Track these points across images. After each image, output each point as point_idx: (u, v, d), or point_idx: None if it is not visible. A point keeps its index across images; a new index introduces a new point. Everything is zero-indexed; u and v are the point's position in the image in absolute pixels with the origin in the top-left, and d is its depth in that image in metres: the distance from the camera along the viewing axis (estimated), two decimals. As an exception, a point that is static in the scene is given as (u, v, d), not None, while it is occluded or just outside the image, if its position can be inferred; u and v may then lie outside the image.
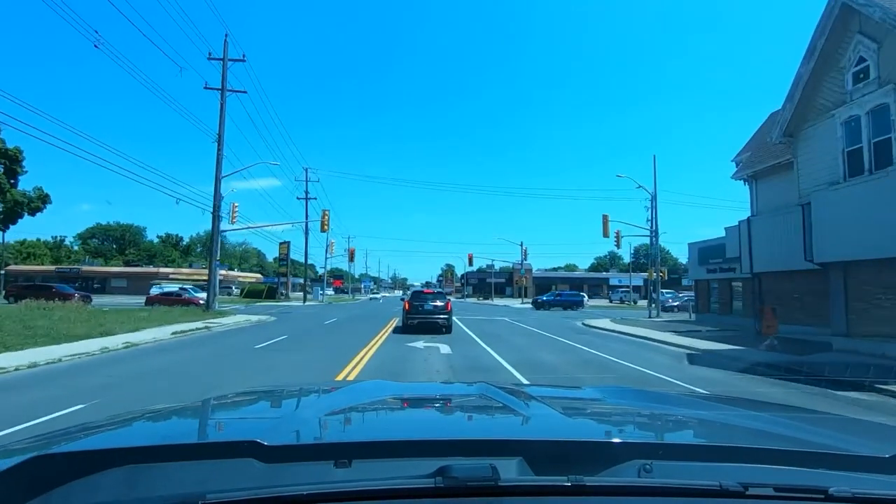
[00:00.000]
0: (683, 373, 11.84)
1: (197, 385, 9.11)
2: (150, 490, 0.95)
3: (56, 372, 10.46)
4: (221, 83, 28.50)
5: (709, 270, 28.13)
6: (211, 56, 28.69)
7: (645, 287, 75.50)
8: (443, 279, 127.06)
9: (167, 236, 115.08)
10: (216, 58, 28.62)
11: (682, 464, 1.08)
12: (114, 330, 17.28)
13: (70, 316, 19.57)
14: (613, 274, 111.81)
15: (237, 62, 29.16)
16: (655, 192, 36.86)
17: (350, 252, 65.66)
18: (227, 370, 11.22)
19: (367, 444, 1.17)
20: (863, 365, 10.67)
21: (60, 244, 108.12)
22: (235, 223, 36.25)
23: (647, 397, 2.28)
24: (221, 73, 28.53)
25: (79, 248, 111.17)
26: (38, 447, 1.19)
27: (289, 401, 1.99)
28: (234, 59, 29.02)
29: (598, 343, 18.24)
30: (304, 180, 57.16)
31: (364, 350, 14.39)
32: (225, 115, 28.46)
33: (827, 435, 1.47)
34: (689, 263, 30.87)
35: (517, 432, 1.45)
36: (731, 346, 16.47)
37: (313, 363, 12.46)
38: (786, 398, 8.62)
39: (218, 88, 28.50)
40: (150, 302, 38.44)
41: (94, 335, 15.61)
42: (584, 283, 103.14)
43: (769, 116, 23.00)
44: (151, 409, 1.73)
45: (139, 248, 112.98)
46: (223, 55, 28.58)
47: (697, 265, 29.38)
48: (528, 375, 10.66)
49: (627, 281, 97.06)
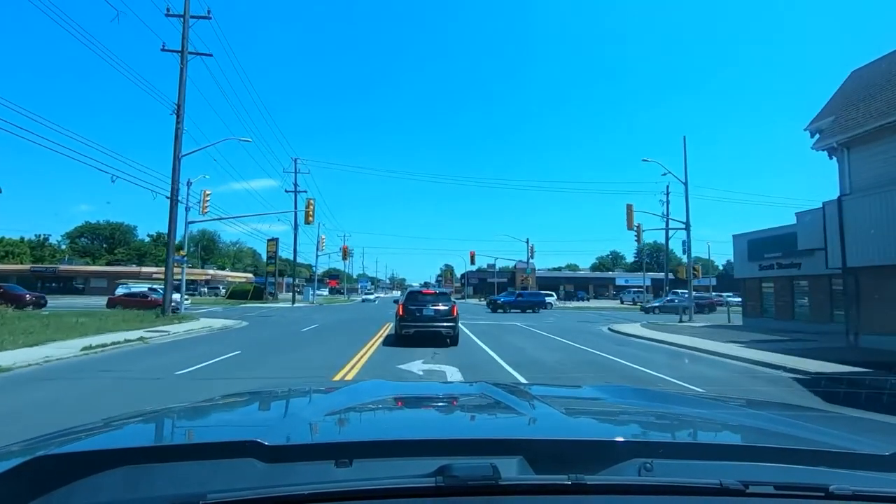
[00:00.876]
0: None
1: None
2: (150, 490, 0.95)
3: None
4: (182, 44, 23.90)
5: (762, 267, 23.58)
6: (169, 12, 24.12)
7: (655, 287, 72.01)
8: (441, 279, 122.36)
9: (158, 235, 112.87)
10: (175, 14, 24.05)
11: (683, 462, 1.08)
12: (3, 344, 12.73)
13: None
14: (619, 273, 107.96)
15: (201, 20, 24.57)
16: (687, 177, 32.28)
17: (343, 249, 60.98)
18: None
19: (368, 444, 1.16)
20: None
21: (44, 243, 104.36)
22: (206, 213, 31.78)
23: (647, 396, 2.27)
24: (182, 33, 23.93)
25: (66, 247, 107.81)
26: (40, 448, 1.17)
27: (289, 401, 1.98)
28: (198, 17, 24.46)
29: (654, 360, 13.69)
30: (293, 171, 52.76)
31: (336, 377, 9.89)
32: (185, 81, 23.86)
33: (827, 433, 1.46)
34: (736, 259, 26.24)
35: (518, 431, 1.44)
36: (845, 365, 11.87)
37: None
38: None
39: (177, 51, 23.92)
40: (112, 304, 33.96)
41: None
42: (589, 282, 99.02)
43: (851, 74, 18.51)
44: (151, 410, 1.71)
45: (129, 248, 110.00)
46: (184, 10, 24.00)
47: (746, 261, 24.83)
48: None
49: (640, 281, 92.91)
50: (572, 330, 23.64)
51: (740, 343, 17.32)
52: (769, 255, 22.91)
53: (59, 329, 16.53)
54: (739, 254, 25.57)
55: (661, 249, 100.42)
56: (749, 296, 25.38)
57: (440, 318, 15.25)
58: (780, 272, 22.40)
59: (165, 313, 23.23)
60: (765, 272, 23.48)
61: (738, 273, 26.07)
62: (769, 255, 22.93)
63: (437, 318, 15.24)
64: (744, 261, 25.06)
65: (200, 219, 30.97)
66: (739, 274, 26.00)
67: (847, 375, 10.68)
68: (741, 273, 25.82)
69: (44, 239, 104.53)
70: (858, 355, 13.53)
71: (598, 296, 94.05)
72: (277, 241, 58.80)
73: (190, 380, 9.77)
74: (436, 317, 15.25)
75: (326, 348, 14.96)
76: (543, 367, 12.00)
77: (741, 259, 25.45)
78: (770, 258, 22.91)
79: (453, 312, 15.44)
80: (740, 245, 25.40)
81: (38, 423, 6.30)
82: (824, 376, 10.71)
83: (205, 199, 31.34)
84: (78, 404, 7.67)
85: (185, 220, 30.10)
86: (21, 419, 6.86)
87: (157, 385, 9.31)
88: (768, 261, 23.03)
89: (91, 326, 18.03)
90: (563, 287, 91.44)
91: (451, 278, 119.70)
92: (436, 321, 15.19)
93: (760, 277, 24.14)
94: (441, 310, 15.38)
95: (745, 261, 24.97)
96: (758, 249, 23.83)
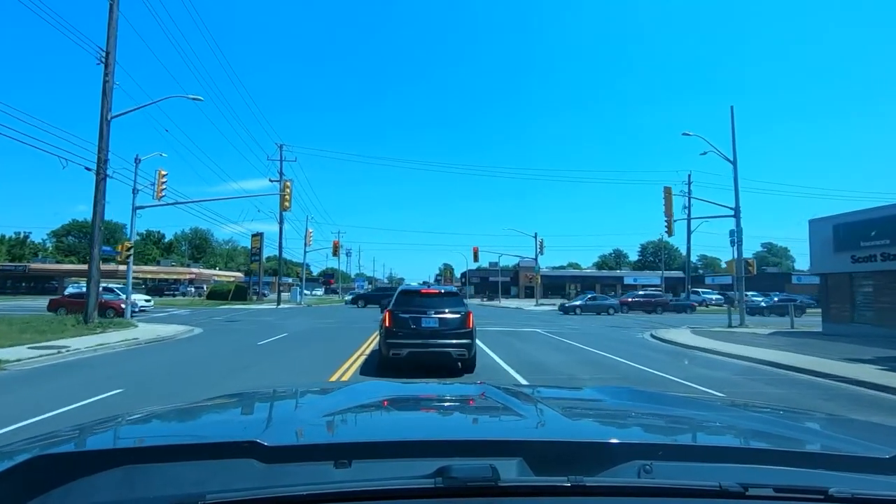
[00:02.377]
0: None
1: None
2: (149, 490, 0.94)
3: None
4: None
5: (856, 259, 18.35)
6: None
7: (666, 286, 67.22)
8: (441, 279, 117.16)
9: (147, 233, 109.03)
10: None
11: (682, 464, 1.07)
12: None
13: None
14: (627, 272, 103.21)
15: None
16: (735, 155, 27.09)
17: (334, 245, 55.56)
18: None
19: (367, 445, 1.15)
20: None
21: (24, 241, 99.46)
22: (163, 198, 26.46)
23: (646, 398, 2.21)
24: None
25: (52, 245, 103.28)
26: (38, 448, 1.17)
27: (288, 401, 1.96)
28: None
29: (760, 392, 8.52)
30: (279, 160, 47.52)
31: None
32: (117, 20, 18.56)
33: (827, 436, 1.47)
34: (814, 250, 20.96)
35: (517, 433, 1.41)
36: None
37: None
38: None
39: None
40: (55, 306, 28.65)
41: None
42: (596, 281, 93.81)
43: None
44: (150, 410, 1.69)
45: (116, 246, 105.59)
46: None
47: (830, 252, 19.58)
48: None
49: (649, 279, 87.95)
50: (608, 339, 18.47)
51: (851, 360, 12.26)
52: (868, 243, 17.70)
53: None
54: (820, 243, 20.28)
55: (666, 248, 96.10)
56: (834, 296, 20.09)
57: (448, 331, 9.97)
58: (886, 265, 17.19)
59: (89, 320, 17.92)
60: (861, 265, 18.25)
61: (817, 267, 20.78)
62: (867, 244, 17.72)
63: (444, 331, 9.96)
64: (826, 252, 19.79)
65: (153, 203, 25.64)
66: (818, 268, 20.70)
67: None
68: (821, 267, 20.54)
69: (24, 237, 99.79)
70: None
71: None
72: (262, 237, 53.52)
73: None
74: (441, 330, 9.97)
75: (270, 381, 9.69)
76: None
77: (822, 250, 20.16)
78: (869, 247, 17.71)
79: (468, 323, 10.14)
80: (821, 232, 20.10)
81: None
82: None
83: (160, 180, 26.03)
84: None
85: (133, 204, 24.81)
86: None
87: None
88: (866, 251, 17.83)
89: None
90: (568, 287, 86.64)
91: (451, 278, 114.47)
92: (441, 337, 9.91)
93: (852, 273, 18.91)
94: (449, 319, 10.10)
95: (828, 252, 19.71)
96: (850, 237, 18.62)
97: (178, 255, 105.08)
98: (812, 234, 20.80)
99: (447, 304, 10.43)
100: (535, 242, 56.70)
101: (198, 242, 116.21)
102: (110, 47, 18.55)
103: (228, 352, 13.96)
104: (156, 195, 26.20)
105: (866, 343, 15.83)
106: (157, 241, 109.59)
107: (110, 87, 18.54)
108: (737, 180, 26.98)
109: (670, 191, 27.67)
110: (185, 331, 19.41)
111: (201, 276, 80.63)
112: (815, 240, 20.75)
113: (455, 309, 10.32)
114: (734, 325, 25.01)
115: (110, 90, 18.55)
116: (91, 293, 18.27)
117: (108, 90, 18.50)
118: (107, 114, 18.54)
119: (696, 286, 63.16)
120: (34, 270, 69.23)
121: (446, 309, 10.25)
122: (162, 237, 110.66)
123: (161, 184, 26.05)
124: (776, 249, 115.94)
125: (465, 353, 9.96)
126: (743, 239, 26.69)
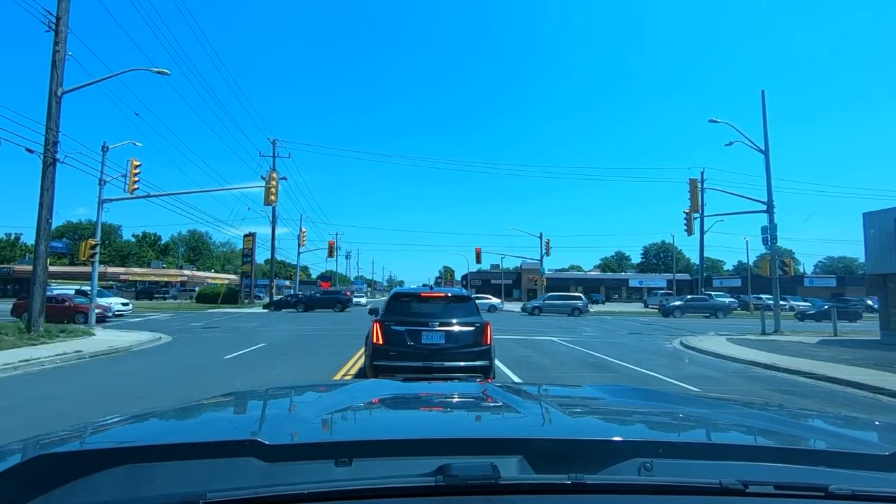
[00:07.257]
0: None
1: None
2: (150, 489, 0.93)
3: None
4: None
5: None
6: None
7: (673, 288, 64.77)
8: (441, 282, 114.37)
9: (143, 235, 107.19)
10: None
11: (683, 462, 1.06)
12: None
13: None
14: (632, 274, 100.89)
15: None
16: (767, 143, 24.58)
17: (329, 245, 52.92)
18: None
19: (368, 443, 1.14)
20: None
21: (15, 242, 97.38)
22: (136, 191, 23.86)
23: (647, 395, 2.19)
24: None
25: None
26: (39, 447, 1.16)
27: (289, 400, 1.93)
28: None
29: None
30: (272, 156, 45.11)
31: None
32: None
33: (827, 433, 1.44)
34: (870, 248, 18.32)
35: (518, 430, 1.40)
36: None
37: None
38: None
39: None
40: (19, 310, 26.03)
41: None
42: (601, 284, 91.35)
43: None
44: (151, 409, 1.66)
45: (111, 248, 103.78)
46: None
47: (893, 249, 16.99)
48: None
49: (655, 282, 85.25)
50: (632, 349, 15.94)
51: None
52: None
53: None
54: (879, 239, 17.67)
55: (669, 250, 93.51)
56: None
57: (457, 350, 7.35)
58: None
59: (33, 328, 15.32)
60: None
61: (876, 266, 18.14)
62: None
63: (452, 350, 7.34)
64: (888, 249, 17.20)
65: (123, 196, 23.05)
66: (877, 267, 18.06)
67: None
68: (880, 267, 17.91)
69: (15, 238, 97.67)
70: None
71: (610, 298, 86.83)
72: (254, 237, 50.80)
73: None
74: (448, 349, 7.35)
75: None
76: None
77: (882, 247, 17.56)
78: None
79: (484, 339, 7.52)
80: (882, 225, 17.49)
81: None
82: None
83: (133, 171, 23.43)
84: None
85: (99, 196, 22.23)
86: None
87: None
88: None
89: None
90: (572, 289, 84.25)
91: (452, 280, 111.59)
92: (448, 358, 7.28)
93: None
94: (458, 333, 7.48)
95: (890, 248, 17.12)
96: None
97: (175, 257, 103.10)
98: (867, 229, 18.17)
99: (455, 312, 7.81)
100: (541, 243, 54.14)
101: (194, 245, 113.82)
102: (61, 12, 16.00)
103: (189, 367, 11.34)
104: (128, 188, 23.63)
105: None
106: (153, 243, 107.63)
107: (61, 57, 15.98)
108: (769, 170, 24.47)
109: (696, 183, 25.20)
110: (150, 340, 16.83)
111: (194, 278, 77.86)
112: (870, 236, 18.10)
113: (466, 319, 7.70)
114: (768, 332, 22.45)
115: (61, 61, 15.99)
116: (35, 297, 15.70)
117: (58, 61, 15.94)
118: (56, 88, 15.96)
119: (705, 289, 60.66)
120: (19, 272, 66.49)
121: (454, 319, 7.65)
122: (158, 239, 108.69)
123: (134, 175, 23.45)
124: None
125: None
126: (748, 241, 24.27)
